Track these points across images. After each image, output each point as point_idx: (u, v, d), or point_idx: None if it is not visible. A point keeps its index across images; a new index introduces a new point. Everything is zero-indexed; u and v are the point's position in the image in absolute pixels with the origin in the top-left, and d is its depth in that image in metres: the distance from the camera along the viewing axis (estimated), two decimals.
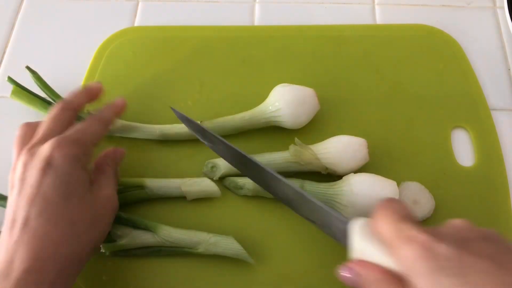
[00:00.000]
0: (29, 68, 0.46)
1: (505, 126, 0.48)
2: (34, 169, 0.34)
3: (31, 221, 0.32)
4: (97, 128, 0.39)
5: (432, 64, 0.50)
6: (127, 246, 0.40)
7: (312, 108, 0.44)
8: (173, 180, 0.42)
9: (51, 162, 0.34)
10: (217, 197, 0.42)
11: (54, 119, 0.38)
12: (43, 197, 0.33)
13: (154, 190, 0.42)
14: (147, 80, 0.49)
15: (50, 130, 0.37)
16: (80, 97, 0.41)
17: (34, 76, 0.46)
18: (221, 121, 0.45)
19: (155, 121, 0.46)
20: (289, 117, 0.43)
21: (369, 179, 0.40)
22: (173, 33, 0.52)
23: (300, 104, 0.43)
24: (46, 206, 0.33)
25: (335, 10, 0.55)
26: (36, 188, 0.33)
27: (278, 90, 0.44)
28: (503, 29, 0.54)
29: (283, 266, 0.40)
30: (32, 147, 0.36)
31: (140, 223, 0.40)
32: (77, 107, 0.40)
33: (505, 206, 0.43)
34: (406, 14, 0.55)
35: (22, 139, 0.38)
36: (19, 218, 0.33)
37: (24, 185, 0.34)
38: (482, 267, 0.26)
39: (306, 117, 0.44)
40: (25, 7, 0.55)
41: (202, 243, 0.39)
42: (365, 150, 0.42)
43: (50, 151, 0.34)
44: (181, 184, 0.42)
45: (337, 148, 0.41)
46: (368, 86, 0.49)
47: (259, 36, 0.52)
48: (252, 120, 0.44)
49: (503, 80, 0.51)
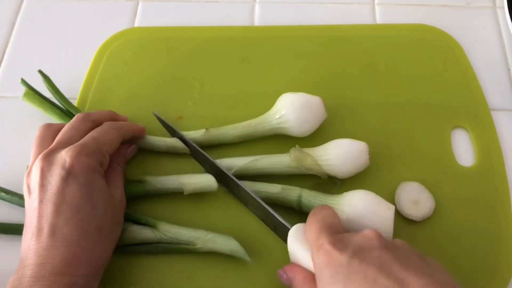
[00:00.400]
0: (41, 72, 0.46)
1: (505, 126, 0.48)
2: (54, 177, 0.35)
3: (59, 229, 0.33)
4: (113, 138, 0.39)
5: (432, 64, 0.50)
6: (126, 241, 0.40)
7: (319, 117, 0.43)
8: (172, 176, 0.43)
9: (72, 171, 0.35)
10: (214, 191, 0.42)
11: (74, 128, 0.39)
12: (70, 205, 0.34)
13: (153, 183, 0.42)
14: (147, 80, 0.49)
15: (68, 138, 0.38)
16: (102, 113, 0.42)
17: (46, 80, 0.46)
18: (227, 128, 0.44)
19: (155, 122, 0.47)
20: (295, 125, 0.43)
21: (370, 202, 0.38)
22: (173, 33, 0.52)
23: (307, 113, 0.42)
24: (73, 214, 0.34)
25: (335, 10, 0.55)
26: (60, 196, 0.34)
27: (285, 98, 0.43)
28: (503, 29, 0.54)
29: (280, 264, 0.40)
30: (50, 153, 0.36)
31: (140, 219, 0.40)
32: (96, 120, 0.41)
33: (505, 206, 0.43)
34: (406, 14, 0.55)
35: (41, 141, 0.39)
36: (45, 226, 0.33)
37: (46, 193, 0.34)
38: (369, 274, 0.28)
39: (312, 126, 0.43)
40: (25, 7, 0.55)
41: (200, 239, 0.39)
42: (366, 156, 0.41)
43: (70, 161, 0.35)
44: (179, 177, 0.42)
45: (338, 153, 0.41)
46: (368, 86, 0.49)
47: (259, 36, 0.52)
48: (257, 128, 0.44)
49: (503, 80, 0.51)
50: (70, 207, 0.34)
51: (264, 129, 0.44)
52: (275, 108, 0.44)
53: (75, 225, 0.34)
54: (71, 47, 0.52)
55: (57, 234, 0.33)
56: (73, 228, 0.33)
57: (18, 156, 0.45)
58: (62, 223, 0.33)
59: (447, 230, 0.36)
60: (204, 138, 0.44)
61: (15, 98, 0.49)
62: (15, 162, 0.45)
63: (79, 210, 0.34)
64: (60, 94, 0.46)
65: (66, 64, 0.51)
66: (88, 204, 0.35)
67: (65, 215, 0.34)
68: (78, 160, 0.35)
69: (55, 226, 0.33)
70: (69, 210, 0.34)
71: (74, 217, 0.34)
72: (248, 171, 0.43)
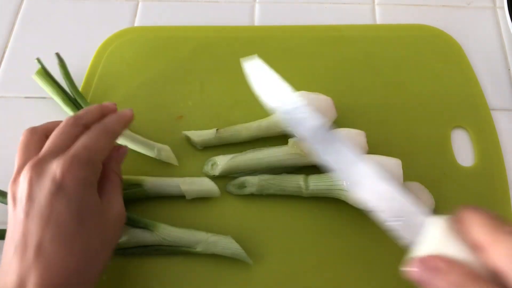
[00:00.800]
0: (58, 55, 0.47)
1: (505, 126, 0.48)
2: (43, 190, 0.33)
3: (44, 247, 0.31)
4: (105, 143, 0.37)
5: (432, 64, 0.50)
6: (126, 244, 0.40)
7: (328, 116, 0.43)
8: (172, 179, 0.42)
9: (63, 185, 0.33)
10: (216, 196, 0.42)
11: (64, 133, 0.36)
12: (57, 221, 0.32)
13: (152, 189, 0.42)
14: (147, 80, 0.49)
15: (58, 145, 0.35)
16: (92, 114, 0.39)
17: (60, 64, 0.47)
18: (237, 129, 0.44)
19: (155, 121, 0.47)
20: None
21: (373, 160, 0.39)
22: (173, 33, 0.52)
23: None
24: (59, 231, 0.32)
25: (335, 10, 0.55)
26: (48, 211, 0.32)
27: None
28: (503, 29, 0.54)
29: (281, 266, 0.40)
30: (38, 162, 0.34)
31: (139, 222, 0.40)
32: (88, 123, 0.38)
33: (505, 206, 0.43)
34: (406, 14, 0.55)
35: (26, 147, 0.36)
36: (31, 242, 0.31)
37: (33, 206, 0.32)
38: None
39: None
40: (25, 7, 0.55)
41: (200, 243, 0.39)
42: (364, 140, 0.42)
43: (60, 173, 0.33)
44: (181, 182, 0.42)
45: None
46: (368, 86, 0.49)
47: (259, 36, 0.52)
48: (268, 130, 0.44)
49: (503, 80, 0.51)
50: (57, 224, 0.32)
51: (276, 131, 0.44)
52: None
53: (62, 243, 0.32)
54: (71, 47, 0.52)
55: (42, 253, 0.31)
56: (59, 246, 0.31)
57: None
58: (48, 240, 0.31)
59: None
60: (215, 138, 0.44)
61: (15, 98, 0.49)
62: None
63: (66, 228, 0.32)
64: (70, 78, 0.47)
65: (66, 63, 0.51)
66: (75, 221, 0.32)
67: (51, 232, 0.32)
68: (70, 173, 0.33)
69: (41, 243, 0.31)
70: (56, 227, 0.32)
71: (61, 235, 0.32)
72: (248, 164, 0.42)
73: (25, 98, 0.49)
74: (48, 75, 0.47)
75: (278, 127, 0.44)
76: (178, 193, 0.42)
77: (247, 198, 0.43)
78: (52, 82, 0.46)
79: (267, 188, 0.42)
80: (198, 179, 0.42)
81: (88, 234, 0.33)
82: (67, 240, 0.32)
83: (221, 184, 0.43)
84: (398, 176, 0.40)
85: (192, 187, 0.42)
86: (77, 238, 0.32)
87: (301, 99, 0.42)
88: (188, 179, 0.42)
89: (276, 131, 0.44)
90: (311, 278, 0.40)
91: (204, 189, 0.42)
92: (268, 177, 0.42)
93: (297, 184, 0.41)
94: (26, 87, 0.48)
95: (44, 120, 0.47)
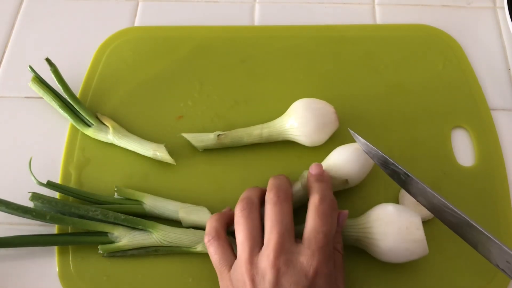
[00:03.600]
0: (48, 60, 0.46)
1: (505, 126, 0.47)
2: (293, 285, 0.31)
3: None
4: (334, 224, 0.35)
5: (432, 64, 0.50)
6: (125, 247, 0.40)
7: (330, 128, 0.43)
8: (172, 203, 0.42)
9: (314, 283, 0.32)
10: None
11: (281, 213, 0.34)
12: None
13: (152, 209, 0.41)
14: (147, 80, 0.49)
15: (286, 227, 0.34)
16: (285, 184, 0.37)
17: (52, 69, 0.46)
18: (239, 135, 0.44)
19: (155, 121, 0.47)
20: (306, 137, 0.42)
21: (395, 212, 0.38)
22: (173, 33, 0.52)
23: (319, 126, 0.42)
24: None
25: (335, 10, 0.55)
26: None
27: (297, 107, 0.43)
28: (503, 29, 0.54)
29: None
30: (284, 251, 0.32)
31: (138, 224, 0.40)
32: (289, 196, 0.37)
33: (505, 206, 0.43)
34: (406, 14, 0.55)
35: (248, 218, 0.35)
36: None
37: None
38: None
39: (324, 137, 0.43)
40: (25, 7, 0.55)
41: (200, 243, 0.39)
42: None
43: (313, 271, 0.32)
44: (180, 208, 0.41)
45: (347, 159, 0.40)
46: (368, 86, 0.49)
47: (259, 36, 0.52)
48: (270, 137, 0.44)
49: (503, 80, 0.50)
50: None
51: (278, 139, 0.44)
52: (287, 117, 0.43)
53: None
54: (71, 47, 0.52)
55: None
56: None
57: (18, 156, 0.45)
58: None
59: (448, 230, 0.36)
60: (216, 144, 0.44)
61: (15, 98, 0.49)
62: (15, 162, 0.45)
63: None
64: (63, 82, 0.46)
65: (66, 63, 0.51)
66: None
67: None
68: (320, 272, 0.32)
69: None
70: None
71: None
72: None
73: (25, 98, 0.49)
74: (42, 82, 0.46)
75: (280, 135, 0.44)
76: (175, 218, 0.41)
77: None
78: (46, 89, 0.46)
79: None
80: (197, 208, 0.41)
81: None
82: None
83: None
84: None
85: (190, 217, 0.41)
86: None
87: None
88: (188, 207, 0.41)
89: (278, 138, 0.44)
90: None
91: (202, 221, 0.40)
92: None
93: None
94: (26, 87, 0.48)
95: (44, 120, 0.47)
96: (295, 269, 0.32)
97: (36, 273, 0.41)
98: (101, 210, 0.40)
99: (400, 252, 0.36)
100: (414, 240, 0.36)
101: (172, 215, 0.41)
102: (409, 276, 0.40)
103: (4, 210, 0.39)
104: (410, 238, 0.36)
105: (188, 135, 0.44)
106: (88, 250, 0.41)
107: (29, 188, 0.41)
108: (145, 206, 0.41)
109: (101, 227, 0.40)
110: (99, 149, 0.45)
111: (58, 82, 0.46)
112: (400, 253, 0.37)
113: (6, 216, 0.40)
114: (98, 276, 0.40)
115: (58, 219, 0.39)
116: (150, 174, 0.44)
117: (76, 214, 0.40)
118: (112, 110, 0.47)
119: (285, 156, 0.45)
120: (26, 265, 0.41)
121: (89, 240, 0.40)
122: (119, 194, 0.42)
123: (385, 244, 0.36)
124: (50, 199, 0.40)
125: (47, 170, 0.44)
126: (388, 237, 0.36)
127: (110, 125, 0.45)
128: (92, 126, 0.45)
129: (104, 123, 0.45)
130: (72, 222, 0.40)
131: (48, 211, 0.40)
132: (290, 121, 0.43)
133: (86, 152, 0.45)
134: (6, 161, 0.46)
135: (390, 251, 0.37)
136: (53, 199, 0.41)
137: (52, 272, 0.40)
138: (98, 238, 0.40)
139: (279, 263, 0.32)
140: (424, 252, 0.36)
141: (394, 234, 0.36)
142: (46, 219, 0.39)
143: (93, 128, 0.45)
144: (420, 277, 0.40)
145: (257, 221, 0.35)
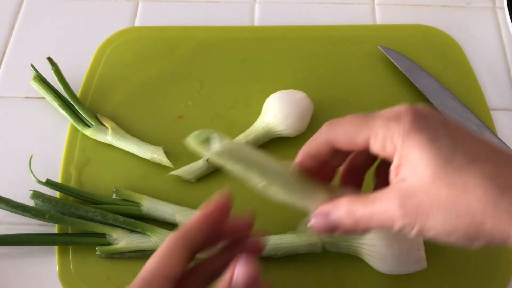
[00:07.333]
0: (50, 59, 0.46)
1: (505, 126, 0.47)
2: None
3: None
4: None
5: (432, 64, 0.50)
6: (123, 249, 0.40)
7: (306, 111, 0.44)
8: (169, 205, 0.41)
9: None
10: None
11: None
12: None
13: (149, 211, 0.41)
14: (147, 80, 0.49)
15: None
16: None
17: (53, 68, 0.46)
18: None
19: (155, 121, 0.47)
20: (291, 128, 0.43)
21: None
22: (173, 33, 0.52)
23: (292, 111, 0.43)
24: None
25: (335, 10, 0.55)
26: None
27: (269, 101, 0.44)
28: (503, 29, 0.54)
29: (281, 265, 0.40)
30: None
31: (136, 226, 0.40)
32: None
33: None
34: (406, 14, 0.55)
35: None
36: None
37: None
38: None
39: (302, 122, 0.43)
40: (25, 7, 0.55)
41: None
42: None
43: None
44: (176, 212, 0.41)
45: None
46: (368, 86, 0.49)
47: (259, 36, 0.52)
48: (257, 141, 0.44)
49: (503, 80, 0.50)
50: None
51: (265, 140, 0.44)
52: (264, 116, 0.44)
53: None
54: (71, 47, 0.52)
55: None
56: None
57: (18, 156, 0.45)
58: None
59: None
60: (208, 168, 0.43)
61: (15, 98, 0.49)
62: (15, 162, 0.45)
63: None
64: (65, 82, 0.46)
65: (66, 63, 0.51)
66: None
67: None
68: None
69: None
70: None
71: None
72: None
73: (25, 98, 0.49)
74: (43, 81, 0.46)
75: (267, 136, 0.44)
76: (172, 222, 0.41)
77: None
78: (48, 88, 0.46)
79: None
80: (194, 212, 0.41)
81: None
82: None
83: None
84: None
85: (186, 220, 0.40)
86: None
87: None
88: (185, 210, 0.41)
89: (264, 140, 0.44)
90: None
91: None
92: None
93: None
94: (26, 87, 0.48)
95: (44, 120, 0.47)
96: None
97: (36, 273, 0.41)
98: (100, 211, 0.40)
99: (399, 270, 0.37)
100: (415, 261, 0.37)
101: (169, 218, 0.41)
102: (408, 276, 0.40)
103: (4, 208, 0.39)
104: (411, 260, 0.36)
105: (177, 171, 0.43)
106: (88, 250, 0.40)
107: (29, 188, 0.41)
108: (143, 208, 0.41)
109: (100, 228, 0.40)
110: (99, 150, 0.45)
111: (59, 81, 0.46)
112: (398, 271, 0.37)
113: (6, 215, 0.40)
114: (98, 276, 0.40)
115: (57, 218, 0.39)
116: (148, 175, 0.44)
117: (75, 214, 0.40)
118: (112, 110, 0.47)
119: (277, 153, 0.44)
120: (26, 265, 0.41)
121: (87, 241, 0.40)
122: (118, 195, 0.42)
123: (384, 264, 0.37)
124: (50, 198, 0.40)
125: (47, 170, 0.44)
126: (388, 258, 0.37)
127: (109, 126, 0.45)
128: (92, 126, 0.45)
129: (103, 124, 0.45)
130: (71, 222, 0.40)
131: (48, 210, 0.40)
132: (271, 119, 0.43)
133: (86, 152, 0.45)
134: (6, 161, 0.46)
135: (389, 270, 0.37)
136: (54, 198, 0.41)
137: (52, 272, 0.40)
138: (96, 239, 0.40)
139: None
140: (422, 267, 0.37)
141: (395, 255, 0.36)
142: (45, 218, 0.39)
143: (92, 128, 0.45)
144: (420, 277, 0.40)
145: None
